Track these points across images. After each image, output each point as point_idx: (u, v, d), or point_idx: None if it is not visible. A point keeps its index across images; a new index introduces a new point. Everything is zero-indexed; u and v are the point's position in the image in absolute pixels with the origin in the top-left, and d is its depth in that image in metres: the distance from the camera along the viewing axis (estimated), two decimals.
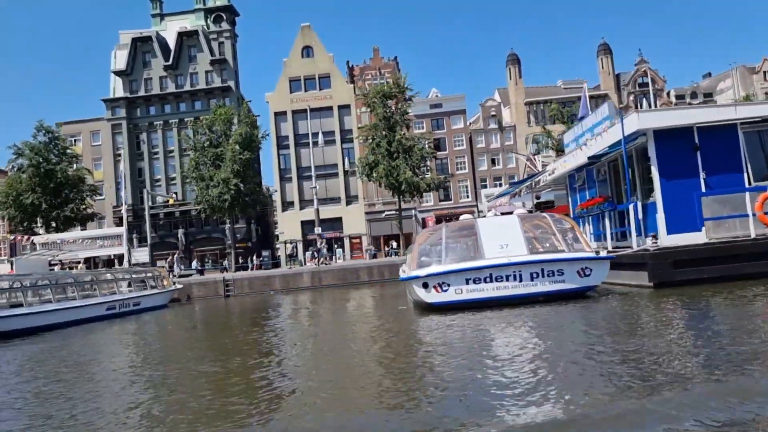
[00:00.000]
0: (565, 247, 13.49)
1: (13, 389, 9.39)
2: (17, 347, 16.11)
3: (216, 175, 42.36)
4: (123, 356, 12.92)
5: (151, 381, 9.11)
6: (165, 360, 11.57)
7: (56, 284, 22.41)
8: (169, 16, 68.26)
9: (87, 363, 12.09)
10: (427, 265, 13.92)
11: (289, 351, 11.36)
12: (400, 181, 41.37)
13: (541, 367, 7.10)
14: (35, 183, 42.74)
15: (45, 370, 11.54)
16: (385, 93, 43.63)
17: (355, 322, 15.70)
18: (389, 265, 37.10)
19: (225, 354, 11.41)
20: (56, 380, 9.84)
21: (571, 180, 21.42)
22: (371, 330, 13.30)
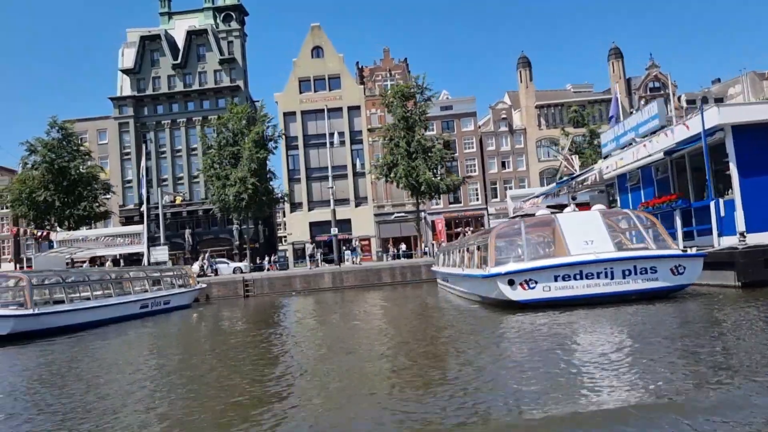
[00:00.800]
0: (653, 244, 13.15)
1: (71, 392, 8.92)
2: (66, 344, 15.61)
3: (233, 174, 41.82)
4: (177, 360, 12.42)
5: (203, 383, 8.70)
6: (214, 365, 11.04)
7: (97, 281, 21.88)
8: (178, 14, 67.75)
9: (148, 367, 11.55)
10: (504, 262, 13.55)
11: (382, 362, 9.72)
12: (419, 182, 40.97)
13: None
14: (48, 180, 42.06)
15: (112, 370, 11.10)
16: (404, 93, 43.28)
17: (436, 324, 14.52)
18: (411, 266, 36.77)
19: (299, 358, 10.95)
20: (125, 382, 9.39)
21: (621, 180, 21.13)
22: (467, 332, 12.20)
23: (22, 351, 14.81)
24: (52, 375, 10.82)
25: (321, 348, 11.64)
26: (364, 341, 12.12)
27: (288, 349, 12.07)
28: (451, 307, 17.34)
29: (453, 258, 21.88)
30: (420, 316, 16.69)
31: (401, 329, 13.66)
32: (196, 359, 11.53)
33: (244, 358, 11.04)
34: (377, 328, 14.30)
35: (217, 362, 10.73)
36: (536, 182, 61.50)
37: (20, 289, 18.33)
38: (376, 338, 12.39)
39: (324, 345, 12.11)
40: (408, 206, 63.58)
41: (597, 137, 42.22)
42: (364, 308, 20.73)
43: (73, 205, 42.74)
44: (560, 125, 61.99)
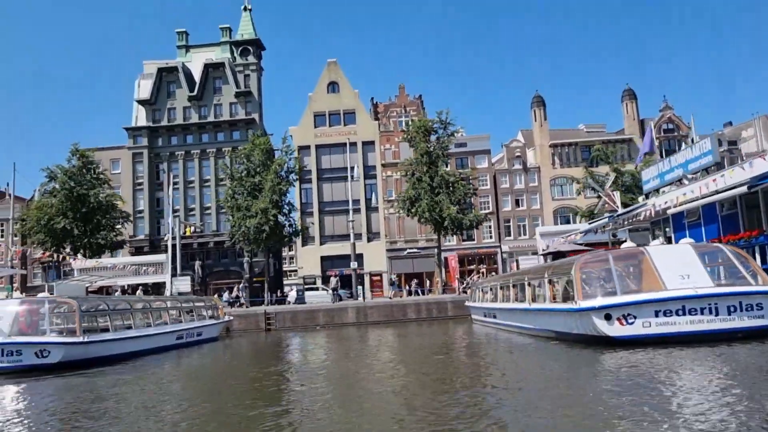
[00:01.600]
0: (752, 279, 12.82)
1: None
2: (125, 374, 15.01)
3: (254, 206, 41.51)
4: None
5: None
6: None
7: (139, 310, 21.34)
8: (195, 48, 68.33)
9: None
10: (593, 296, 13.16)
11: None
12: (443, 217, 40.72)
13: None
14: (66, 208, 41.62)
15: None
16: (426, 128, 43.37)
17: (524, 365, 13.10)
18: (437, 302, 36.32)
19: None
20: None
21: (677, 216, 20.92)
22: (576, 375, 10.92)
23: (86, 381, 14.18)
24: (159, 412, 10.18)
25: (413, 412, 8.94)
26: (458, 398, 9.44)
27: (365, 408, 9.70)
28: (516, 344, 16.65)
29: (502, 292, 21.47)
30: (492, 354, 15.90)
31: (488, 372, 12.73)
32: (259, 401, 10.92)
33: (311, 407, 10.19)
34: (456, 375, 12.07)
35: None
36: (550, 221, 61.41)
37: (69, 315, 17.78)
38: (467, 388, 10.47)
39: (410, 400, 9.67)
40: (421, 242, 63.35)
41: (621, 176, 42.25)
42: (412, 347, 19.50)
43: (91, 234, 42.23)
44: (574, 164, 62.28)
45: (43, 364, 16.12)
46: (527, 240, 61.88)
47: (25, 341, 16.35)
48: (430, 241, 63.27)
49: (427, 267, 61.32)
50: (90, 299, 20.57)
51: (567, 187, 61.97)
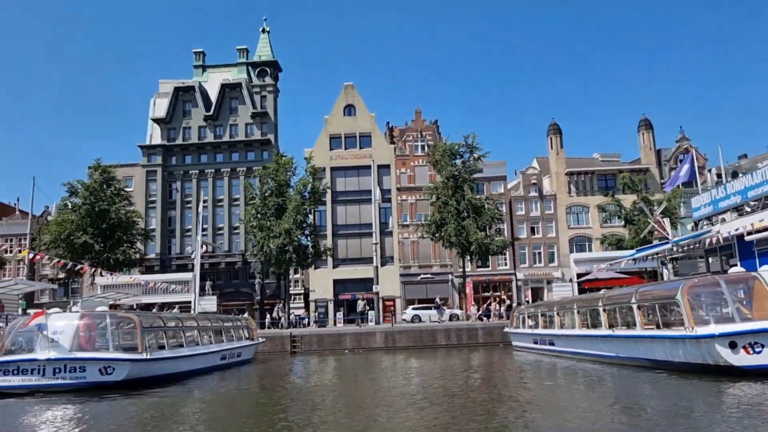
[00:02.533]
0: None
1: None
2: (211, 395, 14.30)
3: (278, 226, 40.96)
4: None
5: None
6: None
7: (191, 328, 20.64)
8: (212, 68, 68.29)
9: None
10: (706, 323, 12.67)
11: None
12: (470, 242, 40.25)
13: None
14: (86, 223, 40.96)
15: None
16: (453, 151, 43.10)
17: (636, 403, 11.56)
18: (467, 328, 35.71)
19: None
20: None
21: (745, 244, 20.59)
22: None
23: (169, 402, 13.41)
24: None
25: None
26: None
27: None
28: (599, 374, 15.81)
29: (560, 319, 20.96)
30: (583, 383, 14.75)
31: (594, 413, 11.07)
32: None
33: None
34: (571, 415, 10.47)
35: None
36: (566, 249, 61.05)
37: (131, 331, 17.05)
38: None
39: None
40: (435, 267, 62.83)
41: (650, 204, 41.99)
42: (476, 382, 17.70)
43: (110, 250, 41.51)
44: (590, 193, 62.22)
45: (107, 382, 15.36)
46: (542, 268, 61.55)
47: (89, 357, 15.57)
48: (444, 266, 62.84)
49: (440, 292, 60.69)
50: (147, 315, 19.84)
51: (583, 215, 61.81)
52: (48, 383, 15.26)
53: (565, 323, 20.36)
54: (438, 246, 63.37)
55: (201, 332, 21.56)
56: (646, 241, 39.58)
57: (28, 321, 16.45)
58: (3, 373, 15.39)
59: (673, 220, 41.65)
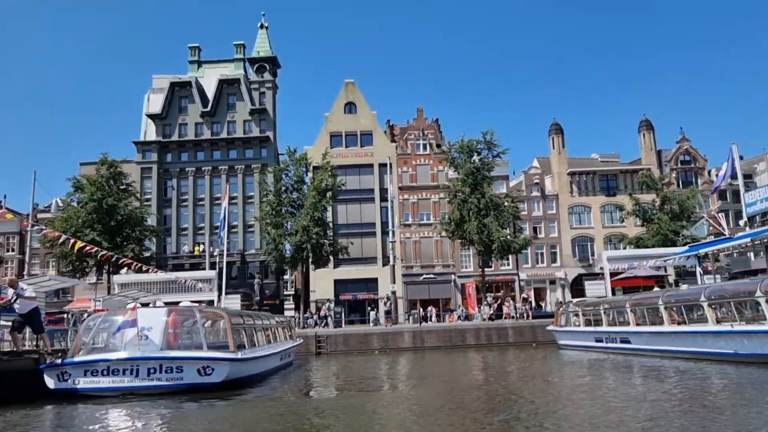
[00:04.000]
0: None
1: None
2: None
3: (295, 223, 39.84)
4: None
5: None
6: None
7: (268, 326, 19.41)
8: (208, 63, 66.84)
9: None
10: None
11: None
12: (492, 240, 39.58)
13: None
14: (93, 219, 39.36)
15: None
16: (471, 148, 42.43)
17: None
18: (497, 328, 35.06)
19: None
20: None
21: None
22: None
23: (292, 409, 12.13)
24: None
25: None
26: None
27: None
28: (696, 375, 15.00)
29: (634, 316, 20.33)
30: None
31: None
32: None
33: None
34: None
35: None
36: (568, 249, 60.96)
37: (221, 328, 15.73)
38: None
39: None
40: (437, 267, 62.12)
41: (669, 202, 41.77)
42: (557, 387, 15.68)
43: (120, 248, 39.97)
44: (592, 193, 62.16)
45: (205, 384, 13.97)
46: (545, 268, 61.29)
47: (188, 356, 14.24)
48: (446, 266, 62.17)
49: (443, 293, 60.15)
50: (230, 312, 18.48)
51: (585, 215, 61.73)
52: (142, 385, 13.78)
53: (644, 320, 19.77)
54: (440, 246, 62.82)
55: (267, 331, 20.40)
56: (669, 239, 39.39)
57: (119, 317, 15.16)
58: (91, 373, 13.82)
59: (692, 218, 41.58)
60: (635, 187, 61.80)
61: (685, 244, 39.00)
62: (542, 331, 33.85)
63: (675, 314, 17.28)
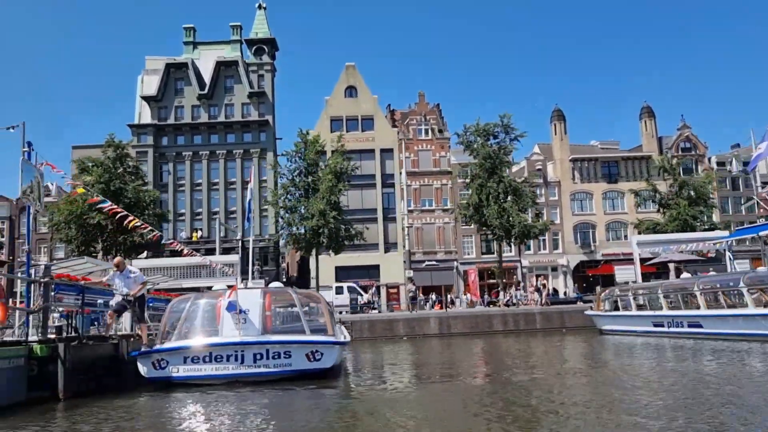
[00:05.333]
0: None
1: None
2: None
3: (311, 206, 38.80)
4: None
5: None
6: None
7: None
8: (203, 45, 65.02)
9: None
10: None
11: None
12: (512, 225, 39.02)
13: None
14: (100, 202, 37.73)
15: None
16: (488, 131, 41.74)
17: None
18: (524, 313, 34.58)
19: None
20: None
21: None
22: None
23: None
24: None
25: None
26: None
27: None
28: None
29: (704, 299, 19.89)
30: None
31: None
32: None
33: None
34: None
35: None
36: (570, 236, 60.83)
37: (317, 310, 14.73)
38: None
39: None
40: (440, 254, 61.54)
41: (686, 188, 41.52)
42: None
43: (127, 232, 38.55)
44: (594, 180, 62.01)
45: (314, 370, 12.98)
46: (547, 255, 61.11)
47: (297, 340, 13.21)
48: (449, 253, 61.68)
49: (445, 280, 59.51)
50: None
51: (587, 202, 61.63)
52: (247, 372, 12.68)
53: (719, 303, 19.37)
54: (442, 232, 62.24)
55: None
56: (688, 225, 39.23)
57: (211, 299, 14.07)
58: (191, 360, 12.67)
59: (708, 203, 41.50)
60: (636, 173, 62.05)
61: (704, 229, 38.93)
62: (570, 316, 33.47)
63: (765, 296, 16.78)
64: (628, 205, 61.16)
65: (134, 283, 12.85)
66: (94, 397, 11.14)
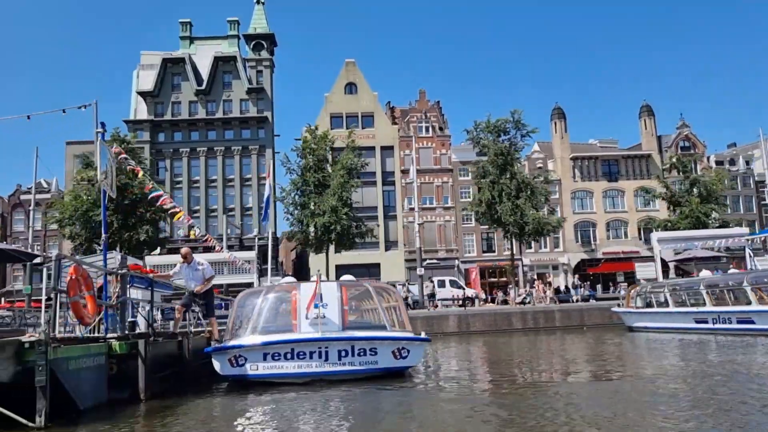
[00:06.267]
0: None
1: None
2: None
3: (323, 203, 38.09)
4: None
5: None
6: None
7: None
8: (200, 40, 63.94)
9: None
10: None
11: None
12: (526, 222, 38.63)
13: None
14: None
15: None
16: (498, 127, 41.32)
17: None
18: (543, 311, 34.23)
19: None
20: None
21: None
22: None
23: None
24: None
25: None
26: None
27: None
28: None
29: (755, 295, 19.61)
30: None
31: None
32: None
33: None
34: None
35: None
36: (571, 234, 60.72)
37: (395, 307, 14.02)
38: None
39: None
40: (440, 253, 61.11)
41: (698, 185, 41.33)
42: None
43: (134, 228, 37.54)
44: (594, 178, 61.96)
45: (400, 368, 12.41)
46: (547, 253, 60.98)
47: (384, 336, 12.50)
48: (450, 251, 61.29)
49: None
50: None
51: (587, 200, 61.60)
52: (332, 370, 11.91)
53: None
54: (443, 230, 61.82)
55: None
56: (699, 221, 39.18)
57: (283, 292, 13.33)
58: (271, 357, 11.88)
59: (719, 200, 41.49)
60: (636, 172, 62.17)
61: (717, 227, 38.88)
62: (589, 313, 33.19)
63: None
64: (628, 203, 61.29)
65: (202, 276, 12.16)
66: (171, 397, 10.45)
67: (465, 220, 61.39)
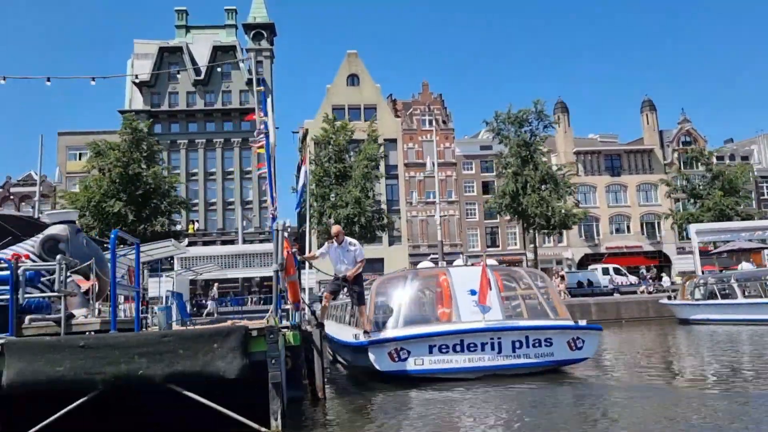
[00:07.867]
0: None
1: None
2: None
3: (345, 194, 36.89)
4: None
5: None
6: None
7: None
8: (197, 29, 62.02)
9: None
10: None
11: None
12: (553, 214, 37.97)
13: None
14: (117, 189, 35.07)
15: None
16: (520, 118, 40.58)
17: None
18: (579, 304, 33.54)
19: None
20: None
21: None
22: None
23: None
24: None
25: None
26: None
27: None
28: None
29: None
30: None
31: None
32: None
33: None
34: None
35: None
36: (574, 228, 60.28)
37: (548, 294, 12.98)
38: None
39: None
40: (445, 247, 60.10)
41: (720, 178, 41.11)
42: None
43: (149, 220, 35.85)
44: (597, 173, 61.78)
45: (575, 360, 11.38)
46: (552, 248, 60.59)
47: (559, 325, 11.48)
48: (454, 246, 60.42)
49: None
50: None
51: (590, 195, 61.37)
52: (506, 364, 10.81)
53: None
54: (447, 225, 60.96)
55: None
56: (724, 215, 39.01)
57: (441, 277, 12.14)
58: (438, 350, 10.71)
59: (743, 193, 41.41)
60: (639, 167, 62.17)
61: (741, 219, 38.74)
62: (626, 306, 32.69)
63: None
64: (630, 198, 61.28)
65: (353, 259, 10.98)
66: (345, 395, 9.28)
67: (468, 215, 60.77)
